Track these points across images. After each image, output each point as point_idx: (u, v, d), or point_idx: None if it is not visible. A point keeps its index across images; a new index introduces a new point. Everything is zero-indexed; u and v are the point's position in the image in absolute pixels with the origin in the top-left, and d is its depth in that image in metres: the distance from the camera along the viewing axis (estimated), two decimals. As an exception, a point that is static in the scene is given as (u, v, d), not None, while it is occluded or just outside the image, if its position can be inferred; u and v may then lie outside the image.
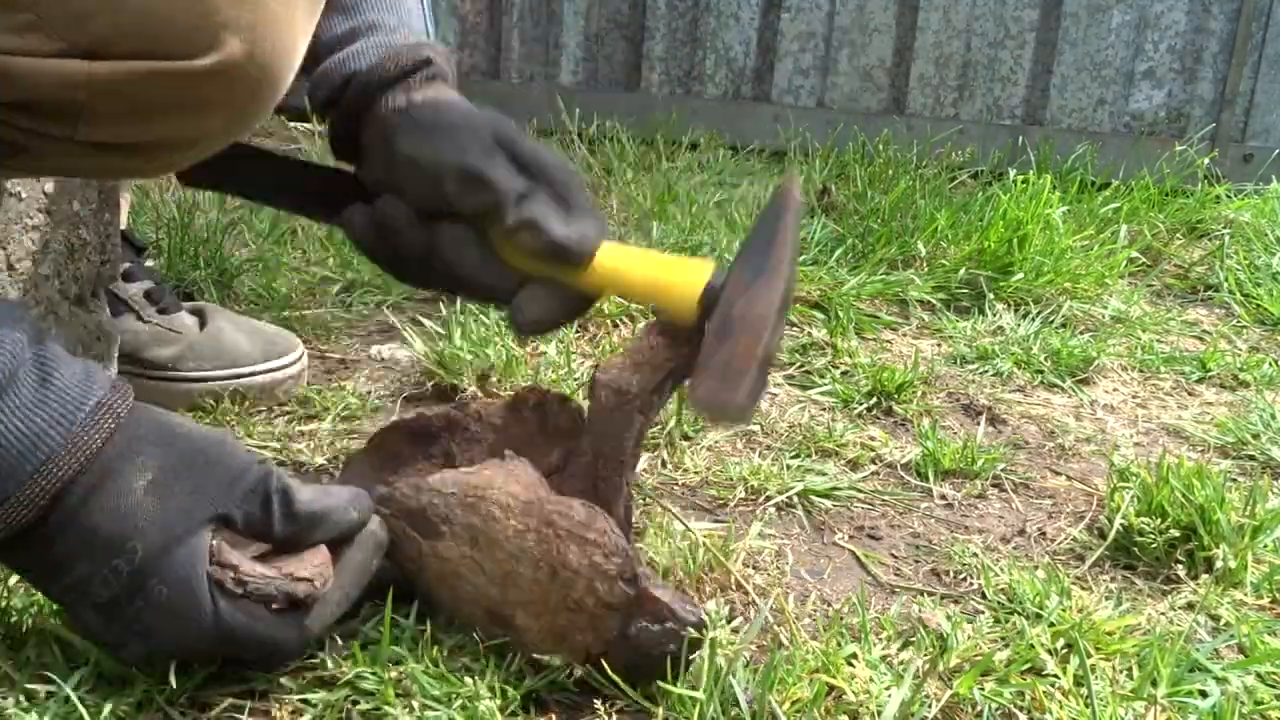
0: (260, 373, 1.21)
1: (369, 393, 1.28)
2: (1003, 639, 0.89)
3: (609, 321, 1.56)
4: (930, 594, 0.97)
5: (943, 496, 1.17)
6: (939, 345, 1.65)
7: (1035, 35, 2.74)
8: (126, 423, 0.71)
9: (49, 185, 0.92)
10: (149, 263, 1.31)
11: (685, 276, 0.82)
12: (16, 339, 0.67)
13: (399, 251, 0.85)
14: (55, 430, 0.67)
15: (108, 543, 0.69)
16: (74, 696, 0.70)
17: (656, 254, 0.85)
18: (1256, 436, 1.36)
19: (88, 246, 0.98)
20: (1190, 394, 1.55)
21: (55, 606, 0.79)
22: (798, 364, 1.50)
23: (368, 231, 0.85)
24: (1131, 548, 1.06)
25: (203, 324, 1.23)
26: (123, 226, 1.33)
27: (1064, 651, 0.86)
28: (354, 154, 0.87)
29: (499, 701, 0.73)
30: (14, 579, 0.84)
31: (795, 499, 1.12)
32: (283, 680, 0.76)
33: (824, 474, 1.17)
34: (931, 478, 1.20)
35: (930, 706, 0.79)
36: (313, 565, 0.74)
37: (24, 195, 0.89)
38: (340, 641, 0.78)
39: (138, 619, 0.70)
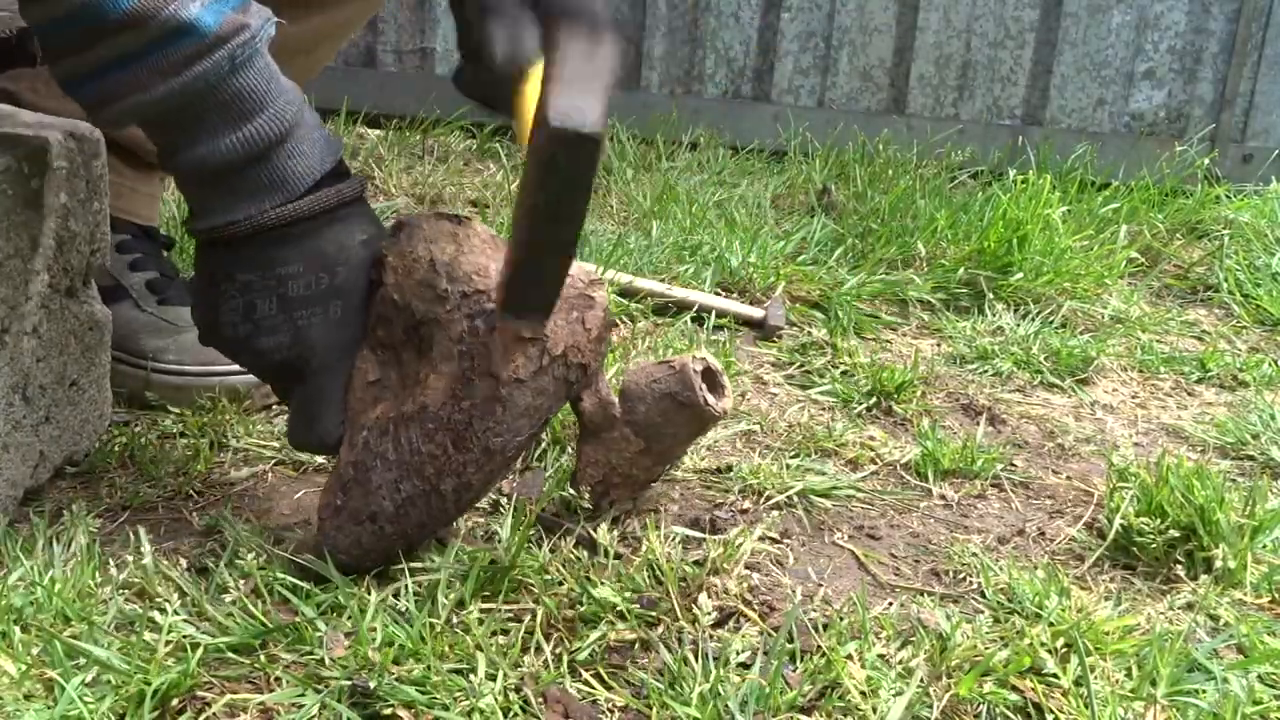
0: (238, 373, 1.20)
1: (369, 392, 1.28)
2: (1002, 639, 0.89)
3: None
4: (930, 594, 0.97)
5: (942, 496, 1.17)
6: (939, 345, 1.66)
7: (1035, 35, 2.75)
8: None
9: (36, 181, 0.92)
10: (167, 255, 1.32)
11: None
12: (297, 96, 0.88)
13: (486, 96, 0.99)
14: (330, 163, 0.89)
15: (327, 260, 0.89)
16: (75, 696, 0.70)
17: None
18: (1256, 436, 1.36)
19: (77, 238, 0.98)
20: (1190, 394, 1.55)
21: (56, 605, 0.79)
22: (797, 364, 1.50)
23: (467, 82, 1.00)
24: (1131, 548, 1.06)
25: None
26: (154, 222, 1.35)
27: (1064, 651, 0.86)
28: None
29: (501, 700, 0.74)
30: (14, 577, 0.84)
31: (795, 499, 1.12)
32: (280, 676, 0.76)
33: (824, 474, 1.17)
34: (931, 478, 1.20)
35: (931, 707, 0.79)
36: None
37: (10, 192, 0.89)
38: (341, 636, 0.78)
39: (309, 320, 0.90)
